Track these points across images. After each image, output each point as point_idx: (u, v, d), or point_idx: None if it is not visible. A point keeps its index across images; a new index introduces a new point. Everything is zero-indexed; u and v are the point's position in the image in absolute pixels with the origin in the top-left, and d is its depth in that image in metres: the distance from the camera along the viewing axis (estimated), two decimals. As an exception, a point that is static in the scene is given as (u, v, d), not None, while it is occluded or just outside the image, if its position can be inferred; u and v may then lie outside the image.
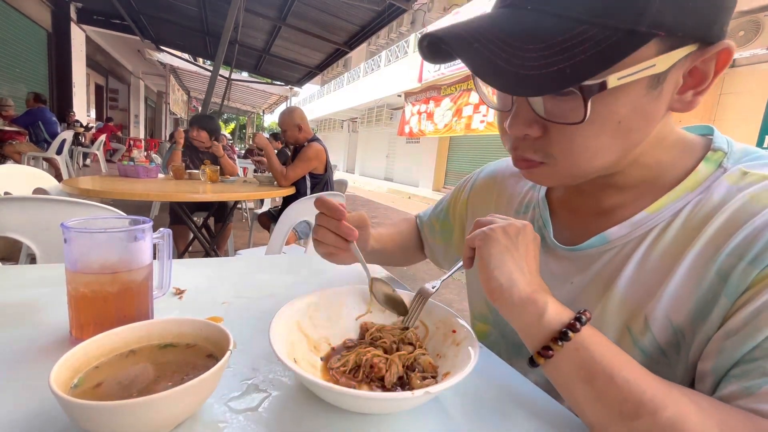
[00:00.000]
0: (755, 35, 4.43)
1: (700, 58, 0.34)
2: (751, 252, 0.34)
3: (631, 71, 0.31)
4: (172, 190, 1.93)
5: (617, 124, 0.35)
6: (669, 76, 0.34)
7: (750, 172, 0.39)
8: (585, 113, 0.33)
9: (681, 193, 0.41)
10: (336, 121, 19.57)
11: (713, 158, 0.42)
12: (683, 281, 0.38)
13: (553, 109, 0.36)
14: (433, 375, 0.40)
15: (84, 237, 0.42)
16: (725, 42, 0.34)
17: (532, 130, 0.38)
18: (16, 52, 6.73)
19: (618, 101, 0.34)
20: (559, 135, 0.37)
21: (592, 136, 0.36)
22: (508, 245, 0.40)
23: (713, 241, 0.37)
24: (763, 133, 4.68)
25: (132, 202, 3.90)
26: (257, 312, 0.54)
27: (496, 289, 0.38)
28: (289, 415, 0.34)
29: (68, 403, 0.26)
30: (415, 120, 10.28)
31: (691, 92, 0.36)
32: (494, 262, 0.39)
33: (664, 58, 0.32)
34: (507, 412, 0.38)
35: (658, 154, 0.43)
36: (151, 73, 13.46)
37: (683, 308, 0.38)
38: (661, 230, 0.41)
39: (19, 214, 0.93)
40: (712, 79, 0.35)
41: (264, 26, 5.87)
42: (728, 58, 0.34)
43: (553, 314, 0.36)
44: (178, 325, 0.38)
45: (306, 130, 2.50)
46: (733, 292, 0.35)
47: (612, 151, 0.38)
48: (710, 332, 0.36)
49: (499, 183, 0.64)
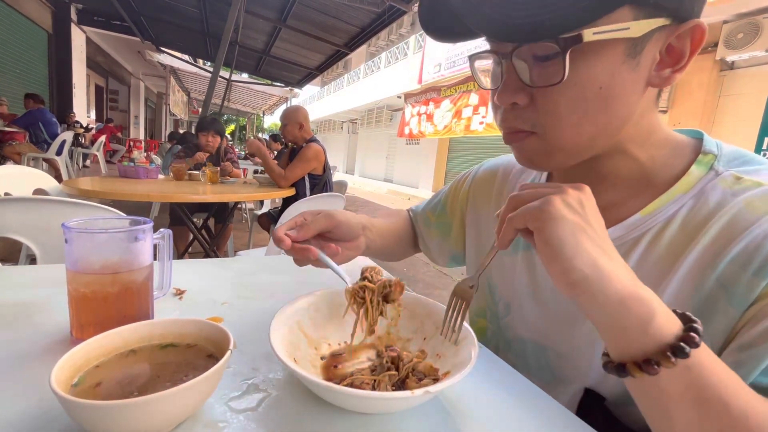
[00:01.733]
0: (754, 37, 4.44)
1: (674, 34, 0.36)
2: (754, 262, 0.35)
3: (607, 29, 0.33)
4: (172, 191, 1.94)
5: (599, 89, 0.36)
6: (646, 49, 0.36)
7: (743, 178, 0.39)
8: (564, 68, 0.34)
9: (674, 195, 0.41)
10: (336, 122, 19.59)
11: (704, 161, 0.42)
12: (681, 285, 0.39)
13: (538, 75, 0.37)
14: (435, 378, 0.40)
15: (85, 237, 0.42)
16: (697, 20, 0.36)
17: (519, 97, 0.39)
18: (16, 53, 6.74)
19: (597, 65, 0.35)
20: (545, 100, 0.38)
21: (575, 100, 0.37)
22: (578, 222, 0.31)
23: (711, 247, 0.37)
24: (762, 134, 4.69)
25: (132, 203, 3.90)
26: (257, 312, 0.54)
27: (580, 282, 0.30)
28: (289, 415, 0.34)
29: (69, 402, 0.26)
30: (415, 121, 10.29)
31: (669, 69, 0.38)
32: (569, 248, 0.30)
33: (638, 24, 0.34)
34: (507, 412, 0.38)
35: (649, 148, 0.43)
36: (152, 74, 13.48)
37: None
38: (657, 233, 0.41)
39: (19, 214, 0.94)
40: (688, 57, 0.37)
41: (264, 28, 5.89)
42: (702, 35, 0.36)
43: (663, 320, 0.29)
44: (179, 326, 0.38)
45: (306, 130, 2.51)
46: (741, 302, 0.35)
47: (597, 120, 0.38)
48: (714, 339, 0.37)
49: (500, 178, 0.64)
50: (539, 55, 0.37)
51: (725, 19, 4.72)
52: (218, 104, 10.09)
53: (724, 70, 5.05)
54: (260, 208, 3.59)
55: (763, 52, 4.42)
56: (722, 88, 5.10)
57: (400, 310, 0.46)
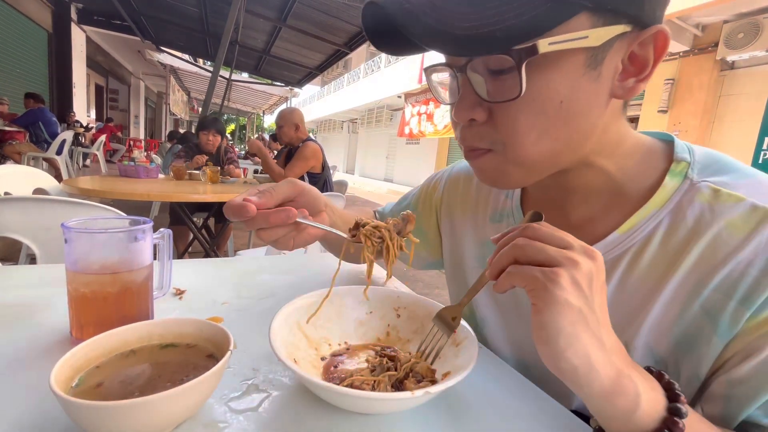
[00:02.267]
0: (754, 37, 4.44)
1: (636, 41, 0.34)
2: (739, 291, 0.34)
3: (563, 38, 0.31)
4: (172, 190, 1.94)
5: (559, 104, 0.34)
6: (607, 59, 0.34)
7: (721, 191, 0.37)
8: (521, 82, 0.32)
9: (650, 211, 0.39)
10: (336, 122, 19.59)
11: (677, 170, 0.40)
12: (664, 311, 0.38)
13: (495, 89, 0.35)
14: (432, 380, 0.40)
15: (85, 237, 0.42)
16: (659, 26, 0.34)
17: (476, 113, 0.37)
18: (16, 53, 6.74)
19: (556, 78, 0.34)
20: (503, 116, 0.36)
21: (534, 115, 0.35)
22: (582, 309, 0.29)
23: (694, 272, 0.36)
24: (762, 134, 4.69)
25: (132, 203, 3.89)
26: (257, 312, 0.54)
27: (569, 372, 0.29)
28: (289, 415, 0.34)
29: (69, 403, 0.26)
30: (415, 121, 10.29)
31: (633, 79, 0.36)
32: (564, 338, 0.28)
33: (597, 32, 0.32)
34: (507, 412, 0.38)
35: (618, 159, 0.41)
36: (152, 73, 13.47)
37: (665, 338, 0.38)
38: (636, 253, 0.40)
39: (19, 214, 0.94)
40: (652, 66, 0.35)
41: (264, 27, 5.88)
42: (665, 41, 0.34)
43: (646, 408, 0.29)
44: (179, 326, 0.38)
45: (302, 131, 2.52)
46: (726, 332, 0.34)
47: (558, 136, 0.36)
48: (699, 369, 0.37)
49: (475, 184, 0.61)
50: (494, 69, 0.35)
51: (725, 19, 4.72)
52: (218, 104, 10.08)
53: (724, 70, 5.05)
54: (260, 208, 3.59)
55: (764, 52, 4.42)
56: (722, 88, 5.10)
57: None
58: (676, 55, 5.39)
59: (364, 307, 0.50)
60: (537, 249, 0.31)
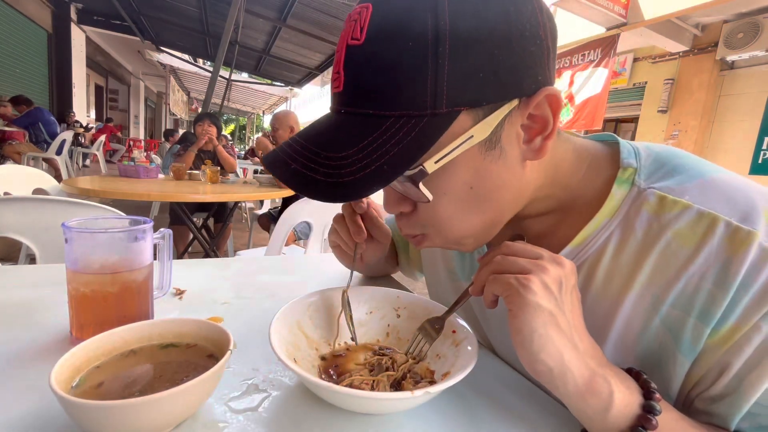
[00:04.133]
0: (754, 37, 4.44)
1: (528, 108, 0.33)
2: (695, 306, 0.33)
3: (448, 150, 0.32)
4: (172, 190, 1.94)
5: (470, 190, 0.35)
6: (503, 136, 0.34)
7: (667, 198, 0.36)
8: (424, 194, 0.34)
9: (600, 222, 0.39)
10: (336, 122, 19.56)
11: (624, 177, 0.39)
12: (626, 329, 0.37)
13: (409, 191, 0.36)
14: (430, 380, 0.40)
15: (85, 237, 0.42)
16: (546, 89, 0.33)
17: (403, 207, 0.39)
18: (16, 53, 6.74)
19: (456, 173, 0.34)
20: (425, 209, 0.37)
21: (452, 206, 0.36)
22: (552, 311, 0.31)
23: (650, 287, 0.36)
24: (762, 134, 4.69)
25: (132, 203, 3.90)
26: (257, 312, 0.54)
27: (544, 373, 0.31)
28: (289, 415, 0.34)
29: (69, 402, 0.26)
30: (415, 121, 10.27)
31: (539, 138, 0.35)
32: (538, 340, 0.30)
33: (481, 126, 0.32)
34: (507, 412, 0.38)
35: (561, 181, 0.41)
36: (151, 73, 13.47)
37: (630, 355, 0.38)
38: (590, 268, 0.39)
39: (19, 214, 0.94)
40: (554, 121, 0.34)
41: (264, 27, 5.89)
42: (557, 101, 0.34)
43: (620, 406, 0.30)
44: (179, 325, 0.38)
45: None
46: (690, 350, 0.34)
47: (483, 210, 0.37)
48: (668, 388, 0.36)
49: None
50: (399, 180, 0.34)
51: (725, 19, 4.72)
52: (218, 104, 10.09)
53: (724, 70, 5.05)
54: (260, 208, 3.59)
55: (763, 51, 4.42)
56: (722, 88, 5.10)
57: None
58: (676, 55, 5.40)
59: (364, 307, 0.50)
60: (511, 261, 0.34)
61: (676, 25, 4.98)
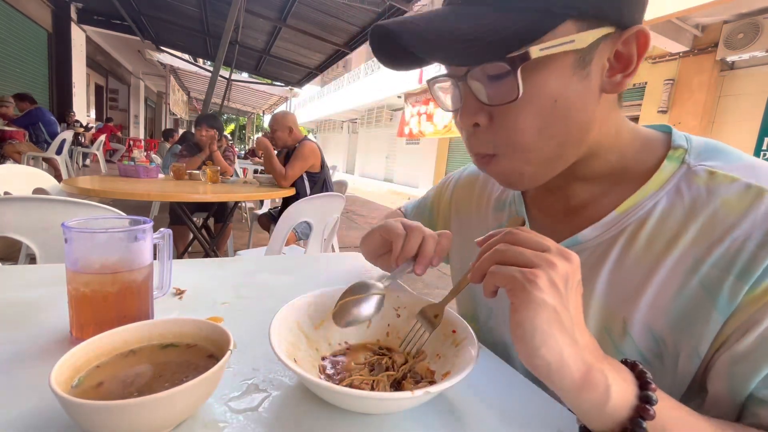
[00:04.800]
0: (754, 38, 4.44)
1: (619, 41, 0.37)
2: (736, 266, 0.35)
3: (552, 44, 0.35)
4: (172, 190, 1.93)
5: (554, 102, 0.37)
6: (594, 59, 0.37)
7: (717, 173, 0.39)
8: (518, 86, 0.35)
9: (648, 192, 0.42)
10: (336, 122, 19.58)
11: (675, 155, 0.43)
12: (662, 288, 0.39)
13: (494, 94, 0.38)
14: (431, 381, 0.40)
15: (85, 237, 0.42)
16: (640, 26, 0.37)
17: (479, 118, 0.40)
18: (16, 52, 6.74)
19: (548, 79, 0.37)
20: (504, 119, 0.39)
21: (532, 115, 0.38)
22: (557, 308, 0.30)
23: (692, 249, 0.38)
24: (762, 134, 4.69)
25: (132, 202, 3.90)
26: (257, 312, 0.54)
27: (542, 368, 0.31)
28: (289, 415, 0.34)
29: (69, 402, 0.26)
30: (415, 121, 10.28)
31: (619, 75, 0.39)
32: (540, 336, 0.30)
33: (582, 36, 0.35)
34: (507, 412, 0.38)
35: (619, 148, 0.44)
36: (151, 73, 13.46)
37: (663, 316, 0.39)
38: (634, 232, 0.41)
39: (19, 214, 0.94)
40: (636, 62, 0.38)
41: (264, 27, 5.88)
42: (646, 39, 0.37)
43: (617, 399, 0.30)
44: (179, 325, 0.38)
45: (296, 134, 2.53)
46: (725, 307, 0.35)
47: (557, 132, 0.39)
48: (700, 347, 0.37)
49: (481, 181, 0.65)
50: (492, 75, 0.37)
51: (725, 19, 4.72)
52: (218, 104, 10.08)
53: (724, 71, 5.05)
54: (260, 208, 3.59)
55: (763, 52, 4.42)
56: (722, 88, 5.10)
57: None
58: (676, 55, 5.40)
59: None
60: (516, 253, 0.33)
61: (676, 26, 4.98)
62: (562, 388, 0.31)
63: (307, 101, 21.85)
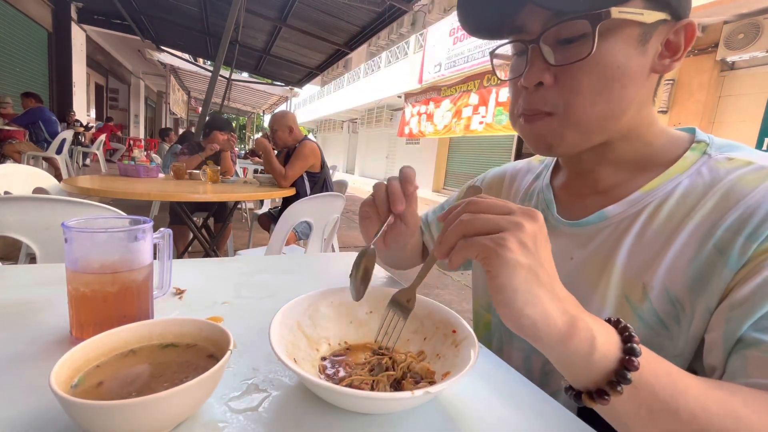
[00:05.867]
0: (755, 38, 4.44)
1: (672, 29, 0.43)
2: (747, 228, 0.38)
3: (628, 10, 0.40)
4: (172, 189, 1.93)
5: (616, 68, 0.42)
6: (652, 38, 0.42)
7: (735, 158, 0.44)
8: (593, 43, 0.40)
9: (672, 175, 0.46)
10: (336, 121, 19.57)
11: (698, 147, 0.47)
12: (680, 253, 0.41)
13: (563, 55, 0.43)
14: (430, 381, 0.40)
15: (85, 237, 0.42)
16: (689, 19, 0.43)
17: (545, 76, 0.44)
18: (16, 52, 6.73)
19: (617, 46, 0.41)
20: (569, 78, 0.43)
21: (596, 76, 0.42)
22: (531, 265, 0.31)
23: (709, 217, 0.41)
24: (762, 135, 4.69)
25: (132, 202, 3.90)
26: (257, 312, 0.54)
27: (529, 327, 0.31)
28: (289, 415, 0.34)
29: (68, 402, 0.26)
30: (415, 121, 10.28)
31: (668, 59, 0.44)
32: (521, 296, 0.30)
33: (648, 13, 0.41)
34: (507, 412, 0.38)
35: (649, 138, 0.49)
36: (152, 73, 13.46)
37: (680, 278, 0.41)
38: (656, 206, 0.45)
39: (19, 213, 0.93)
40: (683, 50, 0.44)
41: (264, 27, 5.88)
42: (693, 32, 0.43)
43: (603, 349, 0.31)
44: (179, 325, 0.38)
45: (296, 133, 2.53)
46: (734, 263, 0.38)
47: (611, 98, 0.43)
48: (711, 304, 0.39)
49: (508, 180, 0.68)
50: (565, 38, 0.42)
51: (726, 19, 4.72)
52: (218, 103, 10.06)
53: (724, 71, 5.05)
54: (260, 208, 3.59)
55: (764, 52, 4.42)
56: (722, 89, 5.09)
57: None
58: (677, 55, 5.39)
59: (364, 307, 0.50)
60: (483, 220, 0.33)
61: (676, 26, 4.97)
62: (550, 344, 0.31)
63: (307, 101, 21.84)
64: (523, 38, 0.46)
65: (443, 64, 8.63)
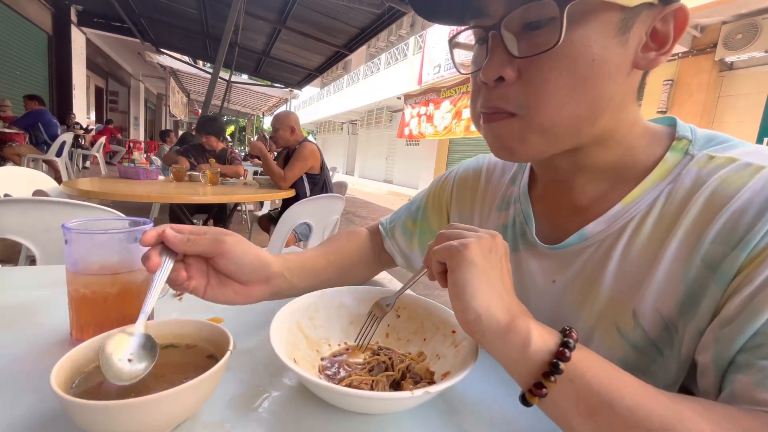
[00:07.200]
0: (753, 38, 4.45)
1: (659, 16, 0.37)
2: (734, 237, 0.34)
3: None
4: (172, 191, 1.94)
5: (591, 62, 0.36)
6: (635, 26, 0.36)
7: (716, 156, 0.39)
8: (560, 29, 0.34)
9: (652, 183, 0.41)
10: (336, 123, 19.59)
11: (679, 147, 0.42)
12: (668, 271, 0.38)
13: (528, 44, 0.37)
14: (430, 381, 0.40)
15: (85, 238, 0.42)
16: (680, 3, 0.37)
17: (506, 71, 0.38)
18: (16, 55, 6.74)
19: (591, 35, 0.35)
20: (534, 73, 0.37)
21: (566, 72, 0.36)
22: (484, 266, 0.35)
23: (693, 228, 0.37)
24: (761, 135, 4.70)
25: (132, 204, 3.90)
26: (257, 312, 0.54)
27: (474, 321, 0.34)
28: (289, 415, 0.34)
29: (69, 402, 0.26)
30: (415, 122, 10.29)
31: (654, 53, 0.38)
32: (470, 289, 0.34)
33: None
34: (507, 412, 0.38)
35: (631, 140, 0.43)
36: (151, 75, 13.48)
37: (670, 298, 0.38)
38: (639, 222, 0.41)
39: (19, 215, 0.94)
40: (672, 41, 0.38)
41: (264, 29, 5.90)
42: (685, 18, 0.37)
43: (538, 343, 0.32)
44: (179, 326, 0.38)
45: (298, 134, 2.53)
46: (724, 280, 0.35)
47: (584, 99, 0.37)
48: (702, 324, 0.36)
49: (484, 178, 0.62)
50: (531, 23, 0.36)
51: (724, 19, 4.73)
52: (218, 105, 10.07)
53: (723, 71, 5.05)
54: (260, 210, 3.60)
55: (762, 52, 4.43)
56: (721, 89, 5.10)
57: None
58: (675, 56, 5.40)
59: (365, 308, 0.50)
60: (454, 232, 0.39)
61: (675, 26, 4.98)
62: (490, 339, 0.33)
63: (307, 103, 21.87)
64: (483, 23, 0.39)
65: (442, 66, 8.64)
